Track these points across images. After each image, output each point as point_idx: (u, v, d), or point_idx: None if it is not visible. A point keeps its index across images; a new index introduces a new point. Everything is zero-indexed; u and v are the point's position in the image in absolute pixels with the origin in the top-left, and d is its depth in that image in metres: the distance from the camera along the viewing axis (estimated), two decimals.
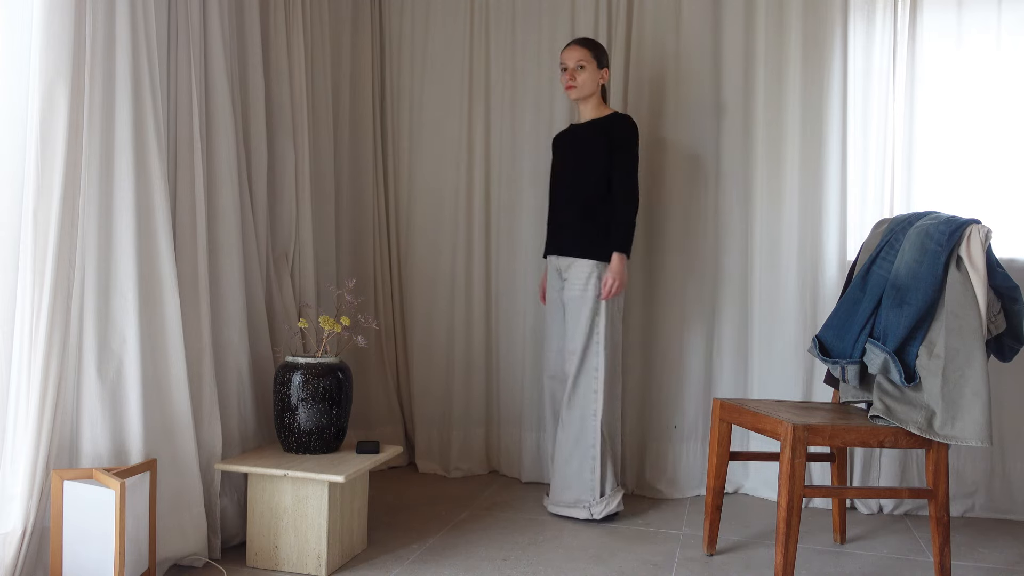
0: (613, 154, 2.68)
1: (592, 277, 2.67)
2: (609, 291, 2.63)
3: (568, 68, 2.73)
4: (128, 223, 2.02)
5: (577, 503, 2.68)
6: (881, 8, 2.90)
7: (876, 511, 2.87)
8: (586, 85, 2.72)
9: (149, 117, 2.07)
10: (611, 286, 2.63)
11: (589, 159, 2.71)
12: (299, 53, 2.78)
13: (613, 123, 2.70)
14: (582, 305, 2.67)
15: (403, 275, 3.44)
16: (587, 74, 2.71)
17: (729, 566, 2.33)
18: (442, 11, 3.35)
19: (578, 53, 2.72)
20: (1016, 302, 2.10)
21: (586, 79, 2.72)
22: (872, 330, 2.22)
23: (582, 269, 2.69)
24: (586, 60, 2.71)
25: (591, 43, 2.75)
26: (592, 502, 2.66)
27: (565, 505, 2.70)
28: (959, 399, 2.01)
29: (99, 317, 1.97)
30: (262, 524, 2.22)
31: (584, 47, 2.73)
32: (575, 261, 2.71)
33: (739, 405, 2.32)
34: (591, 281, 2.67)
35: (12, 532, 1.79)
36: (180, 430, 2.14)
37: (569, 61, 2.73)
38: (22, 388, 1.82)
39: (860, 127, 2.93)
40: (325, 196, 3.04)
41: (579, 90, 2.73)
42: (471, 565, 2.27)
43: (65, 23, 1.85)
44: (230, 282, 2.38)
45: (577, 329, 2.68)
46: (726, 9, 3.04)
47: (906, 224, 2.25)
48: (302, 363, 2.33)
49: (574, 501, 2.68)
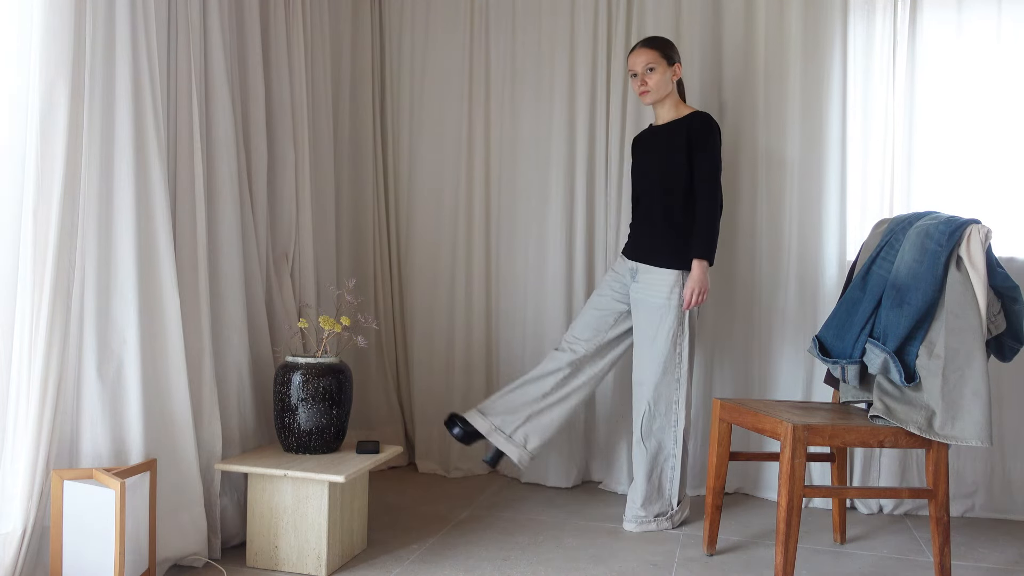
0: (694, 156, 2.58)
1: (676, 288, 2.56)
2: (690, 301, 2.54)
3: (638, 74, 2.64)
4: (128, 223, 2.02)
5: (661, 515, 2.64)
6: (881, 8, 2.90)
7: (876, 511, 2.87)
8: (660, 87, 2.62)
9: (149, 117, 2.07)
10: (693, 295, 2.54)
11: (670, 162, 2.61)
12: (299, 53, 2.78)
13: (692, 122, 2.60)
14: (665, 315, 2.57)
15: (403, 275, 3.44)
16: (658, 75, 2.61)
17: (729, 566, 2.33)
18: (442, 11, 3.35)
19: (645, 56, 2.61)
20: (1016, 302, 2.10)
21: (658, 81, 2.61)
22: (872, 330, 2.22)
23: (664, 280, 2.58)
24: (655, 61, 2.60)
25: (657, 42, 2.64)
26: (672, 511, 2.66)
27: (649, 520, 2.64)
28: (959, 399, 2.01)
29: (99, 317, 1.97)
30: (262, 524, 2.22)
31: (650, 48, 2.62)
32: (655, 270, 2.61)
33: (739, 405, 2.32)
34: (674, 292, 2.56)
35: (12, 532, 1.79)
36: (180, 430, 2.14)
37: (637, 66, 2.63)
38: (22, 388, 1.82)
39: (860, 127, 2.93)
40: (325, 196, 3.04)
41: (653, 94, 2.62)
42: (471, 565, 2.27)
43: (65, 23, 1.85)
44: (230, 282, 2.38)
45: (658, 339, 2.58)
46: (726, 9, 3.04)
47: (906, 224, 2.25)
48: (302, 363, 2.33)
49: (658, 514, 2.65)
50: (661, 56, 2.62)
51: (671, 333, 2.58)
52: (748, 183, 3.03)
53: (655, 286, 2.60)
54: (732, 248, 3.05)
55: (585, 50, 3.12)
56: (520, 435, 2.66)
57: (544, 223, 3.18)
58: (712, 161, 2.57)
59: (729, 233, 3.06)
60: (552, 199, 3.15)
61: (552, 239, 3.15)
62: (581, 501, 2.92)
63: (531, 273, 3.20)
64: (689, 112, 2.67)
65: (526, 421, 2.68)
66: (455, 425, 2.68)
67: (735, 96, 3.04)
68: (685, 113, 2.67)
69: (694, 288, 2.54)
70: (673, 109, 2.68)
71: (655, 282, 2.60)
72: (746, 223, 3.04)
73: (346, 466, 2.21)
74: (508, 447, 2.65)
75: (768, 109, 2.99)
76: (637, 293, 2.65)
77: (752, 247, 3.03)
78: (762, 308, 3.01)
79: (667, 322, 2.58)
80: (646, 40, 2.67)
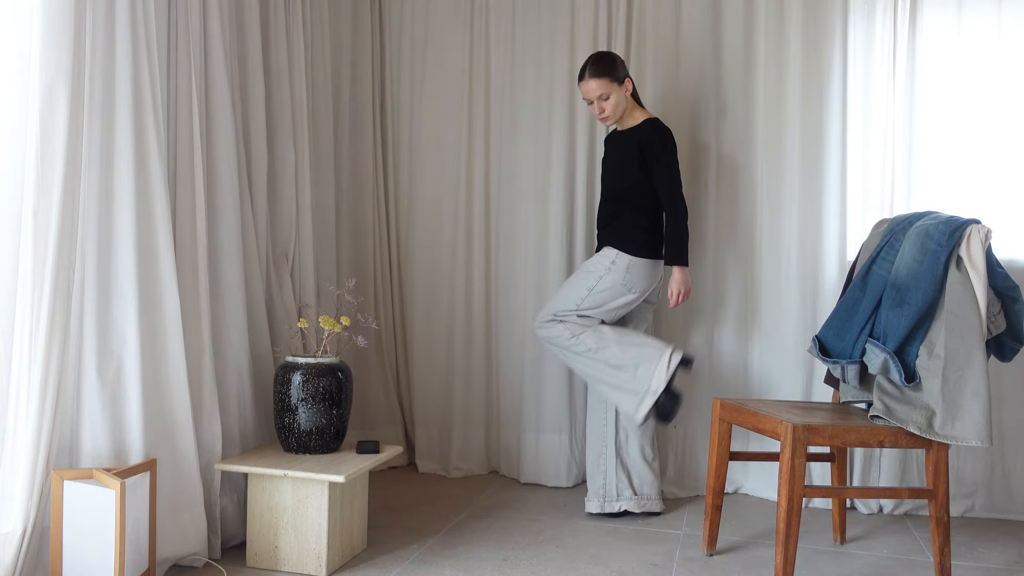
0: (651, 166, 2.65)
1: (618, 261, 2.67)
2: (677, 300, 2.67)
3: (593, 102, 2.69)
4: (128, 223, 2.02)
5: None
6: (881, 8, 2.90)
7: (876, 511, 2.87)
8: (616, 110, 2.68)
9: (149, 117, 2.07)
10: (677, 295, 2.66)
11: (622, 169, 2.71)
12: (299, 53, 2.78)
13: (644, 133, 2.67)
14: (602, 276, 2.67)
15: (403, 275, 3.44)
16: (612, 100, 2.66)
17: (729, 566, 2.33)
18: (442, 11, 3.35)
19: (595, 86, 2.65)
20: (1016, 302, 2.10)
21: (614, 105, 2.67)
22: (872, 330, 2.22)
23: (608, 253, 2.70)
24: (604, 87, 2.65)
25: (604, 68, 2.66)
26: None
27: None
28: (959, 399, 2.01)
29: (99, 317, 1.97)
30: (262, 524, 2.22)
31: (599, 77, 2.65)
32: (606, 249, 2.73)
33: (739, 405, 2.32)
34: (616, 264, 2.67)
35: (12, 532, 1.79)
36: (180, 430, 2.14)
37: (591, 95, 2.67)
38: (22, 388, 1.82)
39: (860, 127, 2.93)
40: (325, 196, 3.04)
41: (612, 118, 2.70)
42: (471, 565, 2.27)
43: (65, 23, 1.85)
44: (230, 282, 2.38)
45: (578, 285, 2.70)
46: (726, 9, 3.04)
47: (906, 224, 2.25)
48: (302, 363, 2.33)
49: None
50: (611, 81, 2.66)
51: (591, 292, 2.67)
52: (748, 183, 3.03)
53: (602, 255, 2.72)
54: (732, 248, 3.05)
55: (585, 49, 3.12)
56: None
57: (544, 223, 3.18)
58: (671, 170, 2.65)
59: (729, 233, 3.06)
60: (552, 199, 3.15)
61: (552, 239, 3.14)
62: (581, 501, 2.92)
63: (531, 273, 3.20)
64: (642, 120, 2.72)
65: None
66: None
67: (735, 96, 3.04)
68: (640, 120, 2.73)
69: (678, 289, 2.66)
70: (630, 117, 2.75)
71: (601, 254, 2.72)
72: (746, 223, 3.04)
73: (346, 466, 2.21)
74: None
75: (768, 109, 2.99)
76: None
77: (752, 247, 3.03)
78: (762, 308, 3.01)
79: (594, 282, 2.67)
80: (593, 68, 2.66)
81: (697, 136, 3.08)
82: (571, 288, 2.71)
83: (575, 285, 2.71)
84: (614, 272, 2.66)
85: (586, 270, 2.72)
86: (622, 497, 2.74)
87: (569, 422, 3.14)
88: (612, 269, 2.66)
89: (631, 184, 2.70)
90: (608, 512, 2.73)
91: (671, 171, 2.64)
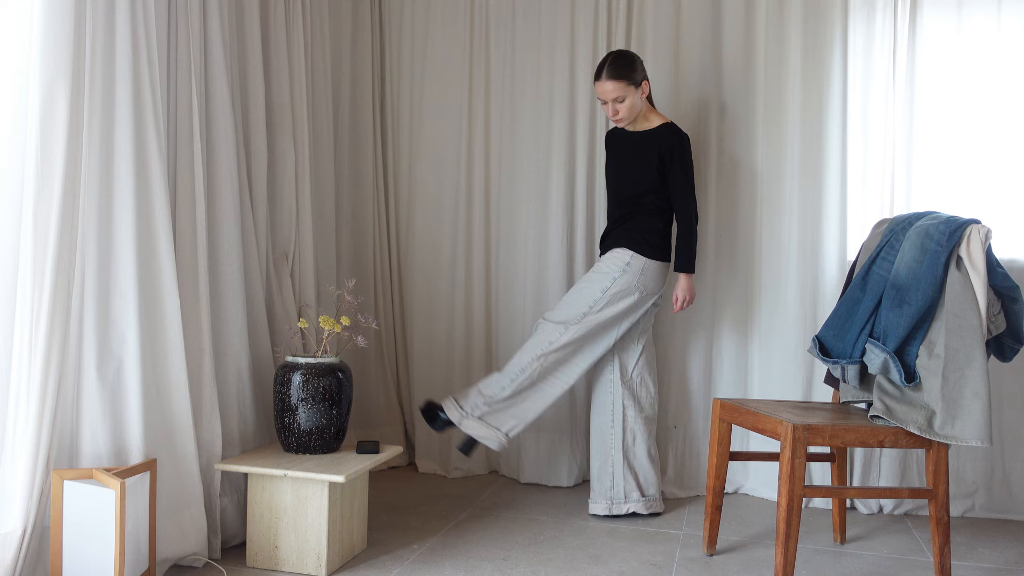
0: (669, 171, 2.65)
1: (632, 264, 2.65)
2: (681, 306, 2.72)
3: (607, 103, 2.66)
4: (128, 223, 2.02)
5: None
6: (881, 8, 2.90)
7: (876, 511, 2.87)
8: (632, 112, 2.65)
9: (149, 117, 2.07)
10: (682, 302, 2.71)
11: (639, 172, 2.69)
12: (299, 53, 2.78)
13: (663, 138, 2.65)
14: (615, 279, 2.65)
15: (403, 275, 3.44)
16: (628, 103, 2.63)
17: (729, 566, 2.33)
18: (442, 11, 3.35)
19: (612, 88, 2.61)
20: (1016, 302, 2.10)
21: (630, 107, 2.64)
22: (872, 330, 2.22)
23: (619, 255, 2.67)
24: (621, 90, 2.61)
25: (622, 70, 2.61)
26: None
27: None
28: (959, 399, 2.01)
29: (99, 317, 1.97)
30: (262, 524, 2.22)
31: (616, 79, 2.60)
32: (615, 250, 2.71)
33: (739, 405, 2.32)
34: (630, 266, 2.65)
35: (12, 532, 1.79)
36: (180, 430, 2.14)
37: (606, 97, 2.64)
38: (22, 388, 1.81)
39: (860, 127, 2.93)
40: (325, 196, 3.04)
41: (626, 120, 2.67)
42: (471, 565, 2.27)
43: (65, 23, 1.85)
44: (230, 282, 2.38)
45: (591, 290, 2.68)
46: (726, 9, 3.04)
47: (906, 224, 2.25)
48: (302, 363, 2.33)
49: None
50: (628, 84, 2.62)
51: (605, 293, 2.64)
52: (748, 183, 3.03)
53: (615, 256, 2.69)
54: (732, 248, 3.05)
55: (585, 49, 3.12)
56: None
57: (544, 222, 3.17)
58: (688, 177, 2.65)
59: (729, 233, 3.06)
60: (552, 198, 3.15)
61: (552, 238, 3.14)
62: (581, 501, 2.92)
63: (531, 273, 3.20)
64: (659, 123, 2.70)
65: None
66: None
67: (735, 96, 3.04)
68: (656, 124, 2.71)
69: (684, 296, 2.71)
70: (645, 119, 2.72)
71: (614, 255, 2.69)
72: (746, 223, 3.04)
73: (346, 466, 2.21)
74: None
75: (768, 109, 2.99)
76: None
77: (752, 247, 3.03)
78: (762, 308, 3.01)
79: (608, 284, 2.65)
80: (610, 69, 2.62)
81: (697, 136, 3.07)
82: (584, 292, 2.68)
83: (589, 289, 2.67)
84: (628, 273, 2.64)
85: (599, 272, 2.69)
86: (630, 499, 2.73)
87: (569, 422, 3.14)
88: (627, 270, 2.64)
89: (649, 187, 2.68)
90: (616, 514, 2.72)
91: (688, 177, 2.65)
